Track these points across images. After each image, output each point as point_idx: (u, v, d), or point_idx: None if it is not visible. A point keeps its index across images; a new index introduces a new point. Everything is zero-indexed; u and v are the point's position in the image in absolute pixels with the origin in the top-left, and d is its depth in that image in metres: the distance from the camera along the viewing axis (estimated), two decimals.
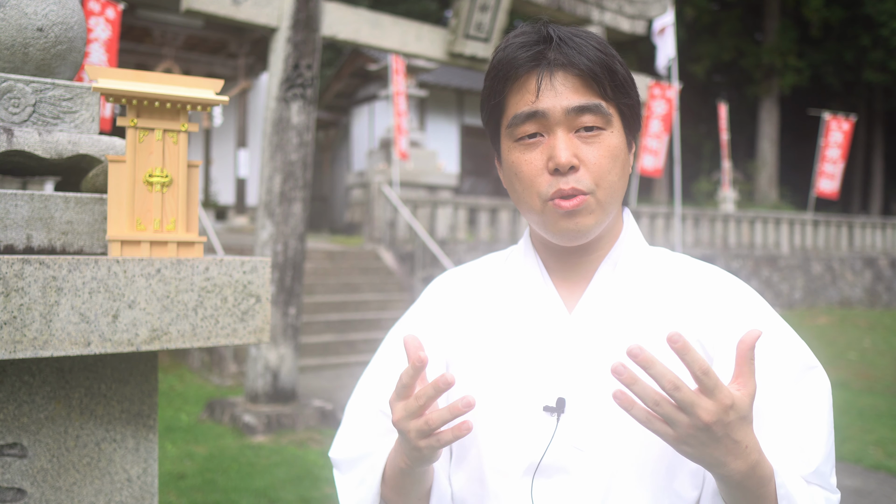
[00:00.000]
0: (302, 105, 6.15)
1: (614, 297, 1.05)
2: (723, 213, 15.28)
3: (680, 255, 1.12)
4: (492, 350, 1.08)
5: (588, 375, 1.01)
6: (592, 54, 0.98)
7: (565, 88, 0.98)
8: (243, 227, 14.71)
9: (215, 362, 8.39)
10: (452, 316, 1.15)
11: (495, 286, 1.14)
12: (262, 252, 6.15)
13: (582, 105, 0.97)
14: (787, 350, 1.01)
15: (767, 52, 22.33)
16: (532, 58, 0.99)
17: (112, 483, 1.40)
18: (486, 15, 6.95)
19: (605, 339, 1.02)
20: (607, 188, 0.99)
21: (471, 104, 19.61)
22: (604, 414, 0.99)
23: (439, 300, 1.19)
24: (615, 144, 1.00)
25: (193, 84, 1.27)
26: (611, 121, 1.00)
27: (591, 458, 0.98)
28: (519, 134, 1.01)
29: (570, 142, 0.98)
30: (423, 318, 1.18)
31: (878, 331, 12.54)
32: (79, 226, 1.34)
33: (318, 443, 5.84)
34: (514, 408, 1.03)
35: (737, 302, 1.04)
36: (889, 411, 7.04)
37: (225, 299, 1.27)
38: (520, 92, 1.00)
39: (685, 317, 1.03)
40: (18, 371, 1.32)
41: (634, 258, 1.08)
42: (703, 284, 1.06)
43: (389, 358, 1.17)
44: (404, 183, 13.61)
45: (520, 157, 1.01)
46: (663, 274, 1.08)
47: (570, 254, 1.07)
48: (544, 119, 0.98)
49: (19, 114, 1.41)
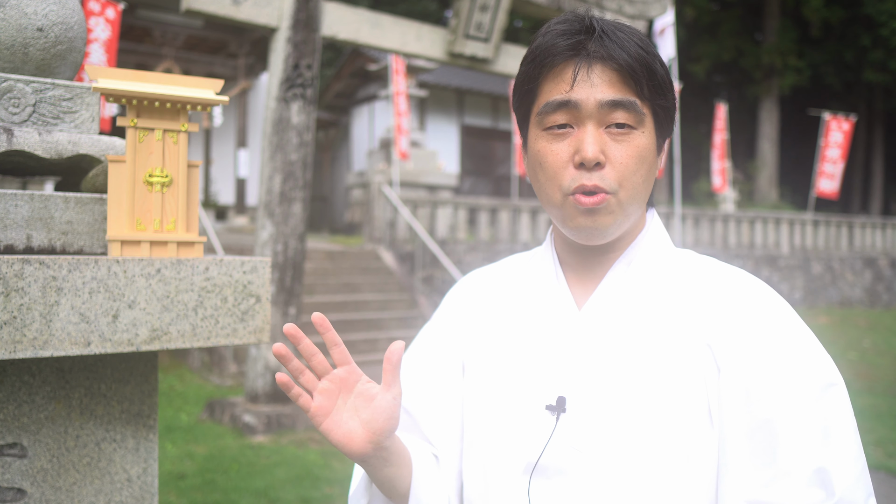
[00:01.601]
0: (302, 105, 6.15)
1: (626, 295, 1.02)
2: (723, 213, 15.28)
3: (705, 257, 1.08)
4: (503, 347, 1.08)
5: (591, 374, 0.99)
6: (633, 50, 0.95)
7: (602, 82, 0.95)
8: (243, 227, 14.71)
9: (215, 362, 8.39)
10: (471, 316, 1.15)
11: (514, 285, 1.13)
12: (262, 252, 6.15)
13: (616, 100, 0.95)
14: (806, 365, 0.94)
15: (767, 52, 22.32)
16: (571, 47, 0.96)
17: (112, 483, 1.40)
18: (486, 15, 6.95)
19: (612, 337, 1.00)
20: (630, 189, 0.97)
21: (471, 104, 19.60)
22: (605, 415, 0.96)
23: (460, 301, 1.19)
24: (644, 145, 0.97)
25: (193, 84, 1.27)
26: (643, 121, 0.97)
27: (590, 461, 0.96)
28: (548, 123, 0.98)
29: (599, 137, 0.96)
30: (444, 320, 1.18)
31: (878, 331, 12.54)
32: (79, 226, 1.34)
33: (318, 443, 5.84)
34: (517, 405, 1.02)
35: (755, 309, 0.98)
36: (889, 411, 7.04)
37: (225, 299, 1.26)
38: (555, 80, 0.98)
39: (696, 320, 0.99)
40: (18, 371, 1.32)
41: (651, 258, 1.05)
42: (722, 288, 1.01)
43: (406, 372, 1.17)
44: (404, 183, 13.61)
45: (546, 146, 0.99)
46: (681, 275, 1.04)
47: (588, 251, 1.05)
48: (576, 110, 0.96)
49: (19, 114, 1.41)
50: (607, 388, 0.97)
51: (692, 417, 0.94)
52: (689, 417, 0.94)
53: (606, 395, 0.97)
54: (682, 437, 0.94)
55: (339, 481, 4.94)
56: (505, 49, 7.30)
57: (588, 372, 0.99)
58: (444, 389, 1.12)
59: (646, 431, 0.95)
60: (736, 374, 0.94)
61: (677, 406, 0.95)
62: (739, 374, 0.93)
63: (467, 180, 19.29)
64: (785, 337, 0.95)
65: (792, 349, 0.95)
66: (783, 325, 0.97)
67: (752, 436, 0.92)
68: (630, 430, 0.95)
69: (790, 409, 0.91)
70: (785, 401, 0.92)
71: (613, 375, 0.98)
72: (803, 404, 0.91)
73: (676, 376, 0.96)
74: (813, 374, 0.93)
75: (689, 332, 0.98)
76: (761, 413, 0.92)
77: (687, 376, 0.96)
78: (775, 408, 0.91)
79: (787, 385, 0.92)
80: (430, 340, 1.18)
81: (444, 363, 1.14)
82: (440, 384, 1.13)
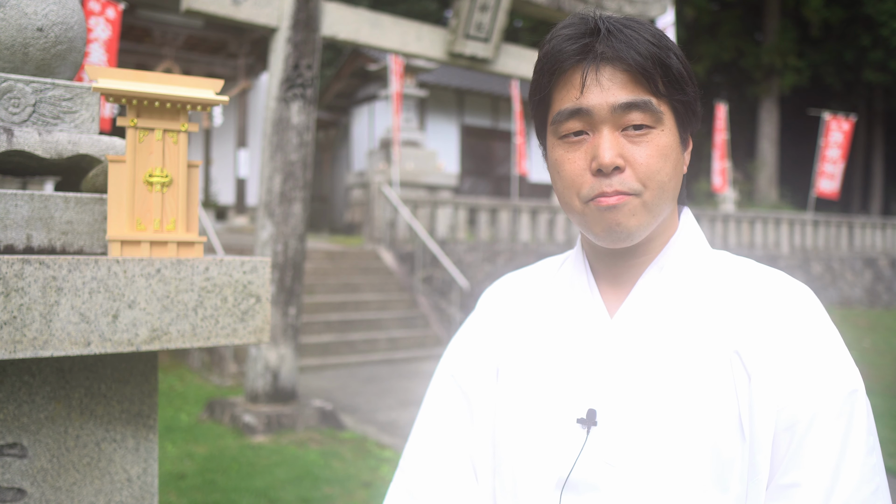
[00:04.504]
0: (302, 105, 6.15)
1: (658, 303, 0.98)
2: (723, 213, 15.27)
3: (743, 259, 1.04)
4: (536, 358, 1.05)
5: (622, 386, 0.95)
6: (643, 47, 0.91)
7: (612, 84, 0.92)
8: (243, 227, 14.71)
9: (215, 362, 8.39)
10: (504, 323, 1.12)
11: (546, 292, 1.10)
12: (262, 252, 6.15)
13: (629, 102, 0.91)
14: (833, 373, 0.91)
15: (767, 52, 22.33)
16: (578, 51, 0.93)
17: (112, 483, 1.40)
18: (486, 15, 6.95)
19: (643, 347, 0.96)
20: (656, 189, 0.93)
21: (471, 104, 19.61)
22: (637, 428, 0.93)
23: (492, 308, 1.16)
24: (666, 143, 0.94)
25: (193, 84, 1.27)
26: (661, 119, 0.93)
27: (623, 475, 0.92)
28: (563, 131, 0.95)
29: (616, 141, 0.92)
30: (477, 327, 1.15)
31: (878, 331, 12.54)
32: (79, 226, 1.34)
33: (318, 443, 5.84)
34: (548, 418, 0.99)
35: (786, 312, 0.94)
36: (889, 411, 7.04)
37: (225, 299, 1.26)
38: (565, 87, 0.95)
39: (729, 327, 0.95)
40: (18, 371, 1.32)
41: (684, 262, 1.00)
42: (753, 293, 0.97)
43: (441, 390, 1.13)
44: (404, 183, 13.62)
45: (563, 155, 0.96)
46: (714, 280, 1.00)
47: (617, 257, 1.01)
48: (589, 117, 0.93)
49: (19, 114, 1.41)
50: (639, 400, 0.94)
51: (725, 427, 0.91)
52: (721, 430, 0.91)
53: (638, 408, 0.94)
54: (717, 449, 0.91)
55: (339, 481, 4.94)
56: (505, 49, 7.30)
57: (619, 384, 0.96)
58: (482, 395, 1.09)
59: (679, 444, 0.91)
60: (766, 381, 0.91)
61: (710, 418, 0.92)
62: (769, 381, 0.91)
63: (467, 180, 19.30)
64: (812, 342, 0.93)
65: (818, 355, 0.92)
66: (811, 330, 0.94)
67: (777, 442, 0.90)
68: (663, 444, 0.92)
69: (818, 417, 0.89)
70: (814, 408, 0.89)
71: (645, 387, 0.94)
72: (830, 413, 0.89)
73: (708, 387, 0.93)
74: (840, 383, 0.91)
75: (719, 339, 0.94)
76: (785, 420, 0.90)
77: (718, 387, 0.93)
78: (805, 413, 0.89)
79: (812, 391, 0.90)
80: (466, 345, 1.15)
81: (480, 368, 1.11)
82: (478, 390, 1.10)
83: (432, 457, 1.09)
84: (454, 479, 1.07)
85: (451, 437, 1.09)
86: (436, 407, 1.13)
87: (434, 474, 1.08)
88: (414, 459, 1.11)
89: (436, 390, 1.14)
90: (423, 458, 1.10)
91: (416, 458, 1.11)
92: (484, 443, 1.08)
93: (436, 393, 1.14)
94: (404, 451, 1.14)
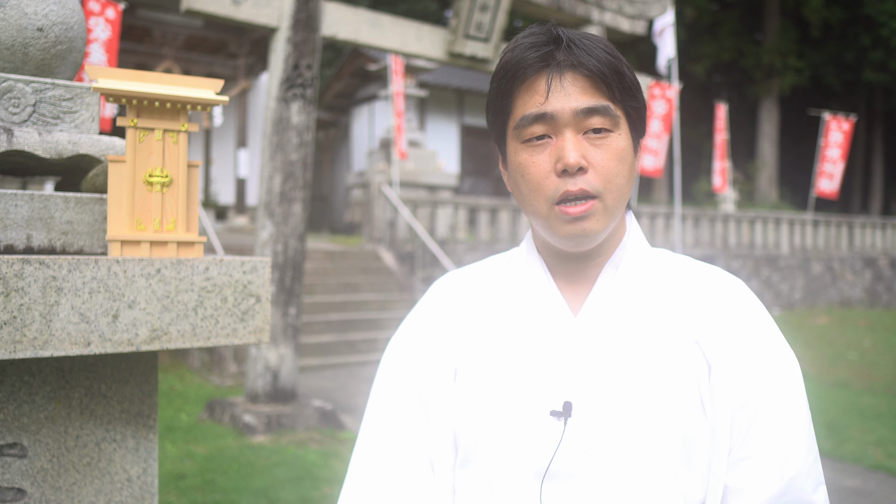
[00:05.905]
0: (302, 105, 6.15)
1: (617, 300, 1.05)
2: (723, 213, 15.28)
3: (681, 256, 1.13)
4: (499, 355, 1.07)
5: (595, 379, 1.01)
6: (601, 56, 0.98)
7: (574, 90, 0.98)
8: (243, 227, 14.71)
9: (215, 362, 8.39)
10: (459, 321, 1.12)
11: (500, 290, 1.13)
12: (262, 252, 6.15)
13: (591, 106, 0.98)
14: (776, 357, 1.04)
15: (767, 53, 22.33)
16: (541, 58, 0.99)
17: (112, 483, 1.40)
18: (486, 15, 6.95)
19: (611, 342, 1.03)
20: (615, 191, 1.00)
21: (471, 104, 19.61)
22: (612, 417, 0.99)
23: (444, 304, 1.16)
24: (622, 147, 1.00)
25: (193, 84, 1.27)
26: (618, 123, 1.00)
27: (599, 462, 0.99)
28: (527, 135, 1.00)
29: (579, 143, 0.98)
30: (429, 324, 1.14)
31: (878, 331, 12.54)
32: (79, 226, 1.34)
33: (318, 443, 5.84)
34: (521, 412, 1.03)
35: (734, 305, 1.06)
36: (889, 411, 7.04)
37: (225, 299, 1.26)
38: (528, 93, 1.00)
39: (685, 319, 1.04)
40: (18, 371, 1.32)
41: (636, 261, 1.08)
42: (703, 286, 1.07)
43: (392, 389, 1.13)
44: (404, 183, 13.61)
45: (528, 158, 1.01)
46: (664, 276, 1.08)
47: (574, 258, 1.07)
48: (553, 121, 0.98)
49: (19, 114, 1.41)
50: (610, 391, 1.00)
51: (689, 411, 1.00)
52: (686, 411, 1.00)
53: (610, 398, 1.00)
54: (683, 431, 0.99)
55: (339, 481, 4.94)
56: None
57: (590, 377, 1.01)
58: (438, 396, 1.10)
59: (650, 429, 0.99)
60: (723, 367, 1.01)
61: (676, 402, 1.00)
62: (726, 368, 1.01)
63: (467, 180, 19.30)
64: (760, 331, 1.05)
65: (763, 342, 1.04)
66: (758, 321, 1.06)
67: (732, 423, 1.00)
68: (635, 430, 0.99)
69: (768, 400, 1.01)
70: (765, 392, 1.01)
71: (615, 378, 1.01)
72: (778, 395, 1.02)
73: (672, 374, 1.01)
74: (784, 367, 1.04)
75: (679, 330, 1.03)
76: (739, 400, 1.00)
77: (681, 373, 1.01)
78: (756, 398, 1.00)
79: (761, 374, 1.02)
80: (418, 344, 1.14)
81: (436, 369, 1.10)
82: (434, 390, 1.10)
83: (387, 453, 1.09)
84: (410, 471, 1.08)
85: (405, 434, 1.09)
86: (387, 408, 1.12)
87: (389, 469, 1.08)
88: (367, 458, 1.10)
89: (386, 391, 1.13)
90: (378, 455, 1.10)
91: (370, 457, 1.10)
92: (443, 440, 1.08)
93: (386, 394, 1.13)
94: (353, 455, 1.12)
